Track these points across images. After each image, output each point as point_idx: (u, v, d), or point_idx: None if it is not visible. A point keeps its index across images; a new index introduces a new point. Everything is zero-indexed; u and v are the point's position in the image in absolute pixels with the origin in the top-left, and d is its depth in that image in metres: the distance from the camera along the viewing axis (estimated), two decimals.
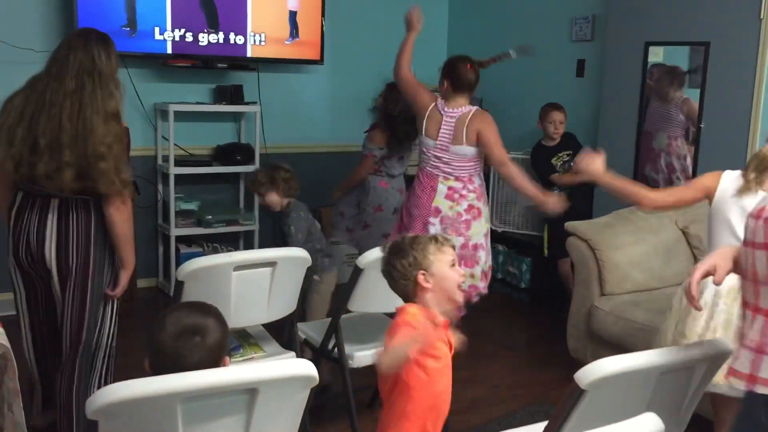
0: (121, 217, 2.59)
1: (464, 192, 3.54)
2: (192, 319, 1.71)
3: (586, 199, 4.58)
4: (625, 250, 3.62)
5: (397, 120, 4.13)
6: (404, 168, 4.38)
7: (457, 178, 3.53)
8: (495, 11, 5.59)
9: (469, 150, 3.50)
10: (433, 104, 3.57)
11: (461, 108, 3.53)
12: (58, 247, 2.56)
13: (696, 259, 3.77)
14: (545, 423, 1.88)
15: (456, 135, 3.49)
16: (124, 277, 2.72)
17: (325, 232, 3.87)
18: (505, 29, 5.46)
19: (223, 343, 1.75)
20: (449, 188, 3.53)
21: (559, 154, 4.59)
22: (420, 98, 3.61)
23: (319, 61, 5.19)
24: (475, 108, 3.54)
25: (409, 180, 4.01)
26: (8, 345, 1.98)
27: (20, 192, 2.60)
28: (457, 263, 3.12)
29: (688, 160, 4.11)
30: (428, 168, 3.57)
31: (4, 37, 4.21)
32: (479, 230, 3.57)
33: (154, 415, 1.57)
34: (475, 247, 3.56)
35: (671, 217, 3.77)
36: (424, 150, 3.57)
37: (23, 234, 2.59)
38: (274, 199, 3.39)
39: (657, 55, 4.25)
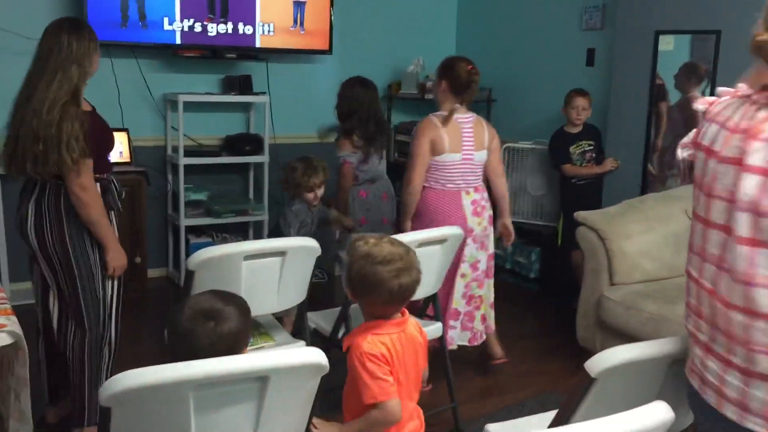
0: (80, 202, 2.62)
1: (483, 203, 3.44)
2: (211, 304, 1.73)
3: (596, 190, 4.57)
4: (635, 239, 3.61)
5: (354, 119, 3.96)
6: (384, 168, 4.18)
7: (476, 189, 3.43)
8: (505, 0, 5.56)
9: (485, 155, 3.44)
10: (439, 122, 3.33)
11: (468, 113, 3.41)
12: (36, 228, 2.65)
13: None
14: (555, 411, 1.88)
15: (476, 141, 3.39)
16: (109, 259, 2.76)
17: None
18: (515, 18, 5.44)
19: (241, 334, 1.74)
20: (472, 202, 3.40)
21: (580, 143, 4.56)
22: (432, 144, 3.32)
23: (328, 51, 5.18)
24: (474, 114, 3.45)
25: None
26: (21, 333, 1.99)
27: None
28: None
29: None
30: (449, 185, 3.36)
31: (13, 28, 4.22)
32: (492, 241, 3.54)
33: (166, 402, 1.58)
34: (492, 258, 3.53)
35: (681, 207, 3.76)
36: (446, 167, 3.34)
37: (17, 215, 2.71)
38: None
39: (667, 44, 4.23)
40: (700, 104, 1.58)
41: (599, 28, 4.83)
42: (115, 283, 2.83)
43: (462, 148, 3.35)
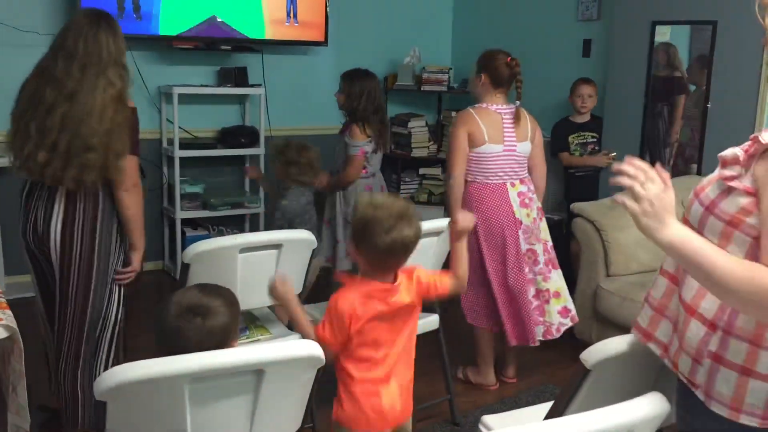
0: (130, 201, 2.60)
1: (530, 194, 3.36)
2: (197, 299, 1.71)
3: (593, 182, 4.57)
4: (631, 230, 3.55)
5: (363, 111, 3.80)
6: (380, 162, 4.05)
7: (521, 181, 3.34)
8: None
9: (529, 147, 3.37)
10: (476, 114, 3.28)
11: (509, 105, 3.35)
12: (63, 231, 2.57)
13: None
14: (551, 403, 1.88)
15: (519, 133, 3.32)
16: (135, 259, 2.74)
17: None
18: (512, 9, 5.42)
19: (229, 328, 1.74)
20: (519, 194, 3.31)
21: (582, 133, 4.55)
22: (470, 135, 3.27)
23: (324, 43, 5.17)
24: (517, 104, 3.37)
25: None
26: (16, 327, 1.99)
27: (30, 177, 2.61)
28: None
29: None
30: (493, 178, 3.29)
31: (7, 20, 4.20)
32: (546, 231, 3.43)
33: (162, 395, 1.58)
34: (551, 248, 3.43)
35: (677, 197, 3.75)
36: (488, 159, 3.28)
37: (30, 219, 2.60)
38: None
39: (664, 34, 4.22)
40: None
41: (595, 19, 4.81)
42: (121, 294, 2.77)
43: (504, 139, 3.29)
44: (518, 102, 3.36)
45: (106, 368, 2.74)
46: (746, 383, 1.40)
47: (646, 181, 1.40)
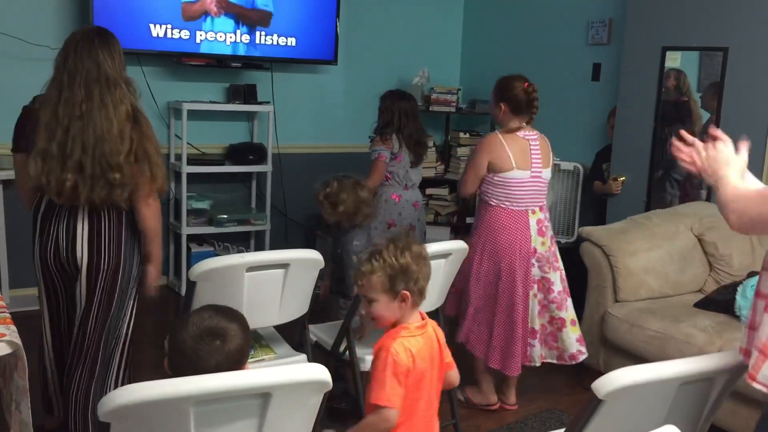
0: (150, 213, 2.61)
1: (547, 222, 3.35)
2: (215, 322, 1.69)
3: (600, 207, 4.56)
4: (640, 256, 3.58)
5: (396, 124, 3.96)
6: (419, 177, 4.18)
7: (540, 208, 3.32)
8: (510, 13, 5.56)
9: (550, 173, 3.36)
10: (503, 139, 3.24)
11: (533, 131, 3.32)
12: (90, 249, 2.56)
13: (711, 267, 3.73)
14: (557, 431, 1.85)
15: (543, 158, 3.30)
16: (153, 272, 2.74)
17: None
18: (521, 32, 5.43)
19: (244, 351, 1.73)
20: (537, 222, 3.29)
21: None
22: (492, 163, 3.25)
23: (333, 61, 5.18)
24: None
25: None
26: (20, 342, 1.96)
27: (45, 196, 2.58)
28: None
29: None
30: (515, 206, 3.26)
31: (19, 34, 4.21)
32: (559, 258, 3.42)
33: (167, 417, 1.55)
34: (564, 277, 3.40)
35: (687, 224, 3.74)
36: (515, 185, 3.24)
37: (51, 237, 2.57)
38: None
39: (674, 60, 4.21)
40: None
41: (606, 43, 4.81)
42: (136, 299, 2.76)
43: (532, 165, 3.26)
44: (526, 124, 3.32)
45: (116, 385, 2.73)
46: None
47: (702, 150, 1.79)
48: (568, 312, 3.36)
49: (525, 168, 3.25)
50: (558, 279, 3.34)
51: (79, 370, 2.65)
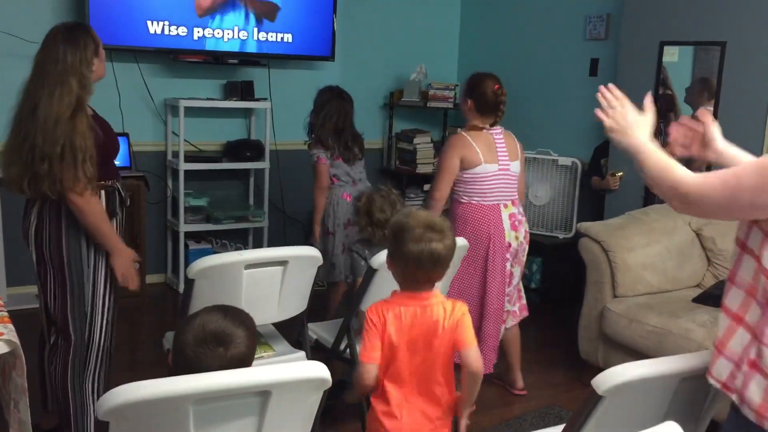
0: (80, 210, 2.54)
1: (520, 217, 3.39)
2: (222, 327, 1.64)
3: (598, 202, 4.56)
4: (638, 251, 3.58)
5: (323, 125, 3.88)
6: (363, 171, 4.02)
7: (512, 202, 3.36)
8: (508, 9, 5.55)
9: (519, 166, 3.39)
10: (469, 137, 3.28)
11: (496, 127, 3.34)
12: (36, 236, 2.60)
13: (710, 262, 3.74)
14: (556, 427, 1.85)
15: (510, 152, 3.34)
16: (116, 265, 2.66)
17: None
18: (518, 27, 5.42)
19: (248, 357, 1.68)
20: (510, 216, 3.33)
21: None
22: (463, 160, 3.27)
23: (330, 58, 5.16)
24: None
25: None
26: (17, 341, 1.96)
27: None
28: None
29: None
30: (488, 199, 3.29)
31: (16, 32, 4.19)
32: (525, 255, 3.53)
33: (166, 416, 1.55)
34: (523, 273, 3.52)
35: (685, 219, 3.74)
36: (484, 179, 3.28)
37: (23, 225, 2.66)
38: None
39: (672, 55, 4.21)
40: None
41: (603, 38, 4.81)
42: (111, 293, 2.73)
43: (498, 159, 3.29)
44: (488, 125, 3.33)
45: (94, 381, 2.72)
46: None
47: (619, 105, 1.84)
48: (516, 306, 3.55)
49: (492, 162, 3.27)
50: (518, 273, 3.44)
51: (54, 363, 2.69)
